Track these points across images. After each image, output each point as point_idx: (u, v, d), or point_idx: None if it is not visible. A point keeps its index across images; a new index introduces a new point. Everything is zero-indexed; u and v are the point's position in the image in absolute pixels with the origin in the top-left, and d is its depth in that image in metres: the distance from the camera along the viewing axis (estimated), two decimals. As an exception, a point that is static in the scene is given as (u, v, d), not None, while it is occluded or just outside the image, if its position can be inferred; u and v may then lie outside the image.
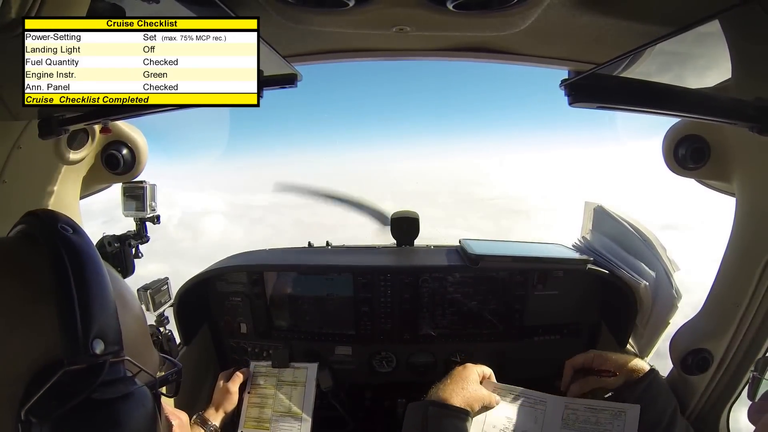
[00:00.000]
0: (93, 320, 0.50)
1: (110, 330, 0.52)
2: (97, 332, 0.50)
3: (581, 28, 0.94)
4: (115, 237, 1.52)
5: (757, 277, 1.11)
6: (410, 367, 1.89)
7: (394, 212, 2.04)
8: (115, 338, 0.52)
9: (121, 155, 1.43)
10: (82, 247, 0.54)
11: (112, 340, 0.51)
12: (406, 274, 1.76)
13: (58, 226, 0.55)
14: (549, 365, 1.79)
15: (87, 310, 0.50)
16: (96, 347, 0.49)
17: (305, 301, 1.83)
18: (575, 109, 0.95)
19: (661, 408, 1.16)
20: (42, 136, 0.99)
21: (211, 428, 1.42)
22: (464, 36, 1.08)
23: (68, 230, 0.55)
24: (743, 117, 0.87)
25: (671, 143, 1.37)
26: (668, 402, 1.18)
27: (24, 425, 0.47)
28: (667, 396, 1.20)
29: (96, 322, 0.50)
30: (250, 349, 1.90)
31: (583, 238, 1.93)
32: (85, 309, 0.50)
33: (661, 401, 1.17)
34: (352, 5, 0.82)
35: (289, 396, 1.55)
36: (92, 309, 0.50)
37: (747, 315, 1.15)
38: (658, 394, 1.18)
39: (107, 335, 0.51)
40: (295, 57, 1.20)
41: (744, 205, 1.20)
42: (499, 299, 1.79)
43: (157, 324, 1.67)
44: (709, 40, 0.84)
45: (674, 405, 1.18)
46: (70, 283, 0.50)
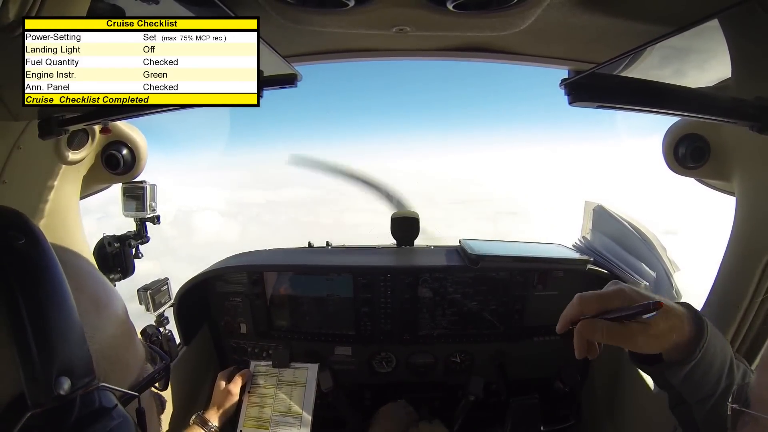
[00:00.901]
0: (54, 354, 0.42)
1: (76, 361, 0.44)
2: (60, 368, 0.42)
3: (581, 28, 0.94)
4: (115, 237, 1.52)
5: (757, 277, 1.11)
6: (410, 367, 1.89)
7: (394, 212, 2.04)
8: (84, 369, 0.45)
9: (121, 155, 1.43)
10: (34, 260, 0.44)
11: (81, 373, 0.44)
12: (406, 275, 1.76)
13: (9, 234, 0.45)
14: (549, 365, 1.80)
15: (45, 343, 0.42)
16: (62, 385, 0.42)
17: (305, 302, 1.83)
18: (575, 108, 0.95)
19: (715, 377, 0.70)
20: (42, 136, 0.99)
21: (211, 428, 1.42)
22: (464, 36, 1.07)
23: (19, 238, 0.45)
24: (743, 116, 0.87)
25: (671, 142, 1.37)
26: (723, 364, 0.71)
27: None
28: (722, 358, 0.71)
29: (58, 355, 0.42)
30: (250, 350, 1.90)
31: (583, 238, 1.93)
32: (43, 342, 0.42)
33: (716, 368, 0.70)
34: (352, 5, 0.82)
35: (289, 396, 1.55)
36: (52, 340, 0.42)
37: (747, 315, 1.15)
38: (711, 363, 0.70)
39: (73, 369, 0.43)
40: (295, 57, 1.20)
41: (744, 204, 1.20)
42: (499, 299, 1.79)
43: (157, 324, 1.67)
44: (709, 39, 0.84)
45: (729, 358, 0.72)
46: (21, 311, 0.41)
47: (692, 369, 0.69)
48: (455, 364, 1.89)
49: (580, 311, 0.73)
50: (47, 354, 0.42)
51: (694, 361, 0.68)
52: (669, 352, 0.71)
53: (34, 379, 0.41)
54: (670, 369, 0.71)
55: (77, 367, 0.44)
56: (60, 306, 0.44)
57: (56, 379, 0.42)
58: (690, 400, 0.73)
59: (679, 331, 0.68)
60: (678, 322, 0.68)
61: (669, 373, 0.72)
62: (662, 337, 0.68)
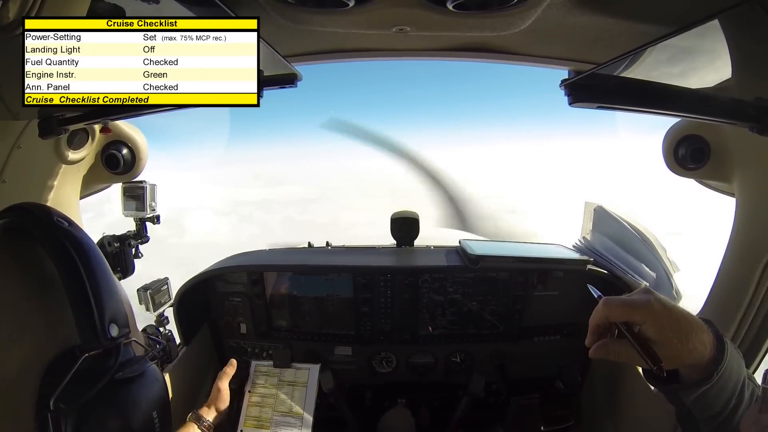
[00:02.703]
0: (106, 306, 0.53)
1: (120, 314, 0.55)
2: (111, 317, 0.53)
3: (581, 28, 0.93)
4: (115, 237, 1.52)
5: (757, 277, 1.11)
6: (410, 367, 1.89)
7: (394, 212, 2.04)
8: (125, 321, 0.56)
9: (121, 155, 1.44)
10: (83, 238, 0.56)
11: (123, 323, 0.55)
12: (406, 275, 1.76)
13: (54, 219, 0.56)
14: (549, 365, 1.79)
15: (99, 297, 0.53)
16: (112, 331, 0.53)
17: (305, 302, 1.83)
18: (575, 108, 0.95)
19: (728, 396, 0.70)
20: (42, 135, 0.99)
21: (204, 424, 1.42)
22: (464, 36, 1.07)
23: (64, 223, 0.56)
24: (743, 117, 0.87)
25: (671, 143, 1.37)
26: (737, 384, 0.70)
27: (53, 414, 0.49)
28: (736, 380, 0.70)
29: (108, 307, 0.54)
30: (249, 349, 1.90)
31: (583, 238, 1.93)
32: (97, 296, 0.53)
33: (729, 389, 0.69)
34: (352, 5, 0.82)
35: (289, 396, 1.55)
36: (103, 296, 0.53)
37: (747, 315, 1.15)
38: (725, 384, 0.68)
39: (119, 319, 0.55)
40: (295, 57, 1.20)
41: (744, 205, 1.20)
42: (499, 300, 1.79)
43: (157, 324, 1.67)
44: (709, 39, 0.84)
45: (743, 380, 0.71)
46: (81, 273, 0.52)
47: (707, 390, 0.68)
48: (455, 364, 1.89)
49: (605, 316, 0.71)
50: (101, 305, 0.53)
51: (711, 383, 0.67)
52: (685, 370, 0.69)
53: (92, 326, 0.52)
54: (685, 390, 0.70)
55: (121, 318, 0.55)
56: (104, 271, 0.56)
57: (109, 325, 0.53)
58: (699, 417, 0.72)
59: (698, 354, 0.66)
60: (699, 345, 0.66)
61: (683, 394, 0.70)
62: (678, 360, 0.66)
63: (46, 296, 0.53)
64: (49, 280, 0.53)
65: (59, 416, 0.49)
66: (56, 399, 0.49)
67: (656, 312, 0.66)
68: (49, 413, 0.49)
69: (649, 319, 0.66)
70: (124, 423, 0.54)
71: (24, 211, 0.58)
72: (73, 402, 0.49)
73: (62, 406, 0.49)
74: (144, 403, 0.56)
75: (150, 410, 0.57)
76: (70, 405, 0.49)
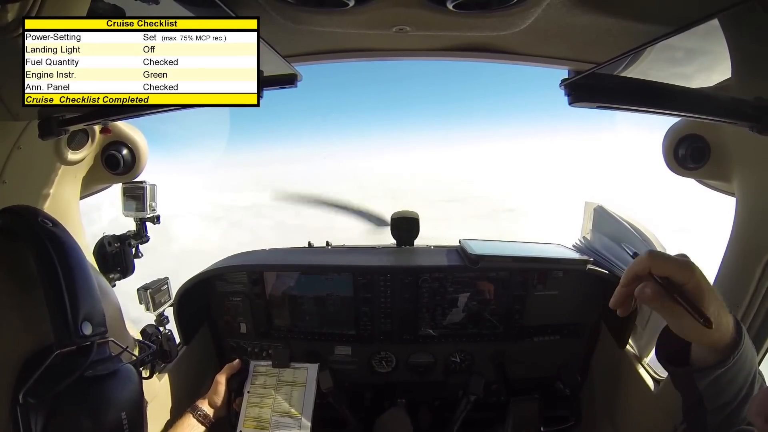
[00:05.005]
0: (80, 304, 0.54)
1: (96, 313, 0.56)
2: (85, 315, 0.54)
3: (581, 28, 0.93)
4: (115, 237, 1.52)
5: (757, 277, 1.11)
6: (410, 367, 1.89)
7: (394, 212, 2.04)
8: (101, 320, 0.56)
9: (121, 155, 1.43)
10: (64, 238, 0.58)
11: (98, 322, 0.56)
12: (406, 274, 1.76)
13: (39, 220, 0.59)
14: (549, 365, 1.80)
15: (74, 296, 0.54)
16: (85, 329, 0.54)
17: (305, 301, 1.83)
18: (575, 108, 0.95)
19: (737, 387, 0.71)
20: (42, 136, 0.99)
21: (199, 413, 1.44)
22: (464, 36, 1.07)
23: (48, 224, 0.59)
24: (743, 116, 0.87)
25: (671, 143, 1.37)
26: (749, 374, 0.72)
27: (22, 408, 0.50)
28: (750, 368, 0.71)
29: (83, 306, 0.54)
30: (249, 349, 1.91)
31: (583, 238, 1.93)
32: (72, 294, 0.54)
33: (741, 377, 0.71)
34: (352, 5, 0.82)
35: (289, 396, 1.55)
36: (79, 294, 0.55)
37: (747, 315, 1.15)
38: (739, 371, 0.70)
39: (94, 318, 0.55)
40: (295, 57, 1.20)
41: (744, 205, 1.20)
42: (499, 299, 1.79)
43: (157, 324, 1.67)
44: (709, 39, 0.84)
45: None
46: (57, 271, 0.54)
47: (721, 374, 0.68)
48: (455, 364, 1.89)
49: (648, 267, 0.67)
50: (75, 303, 0.54)
51: (726, 366, 0.67)
52: (703, 352, 0.70)
53: (65, 323, 0.53)
54: (700, 372, 0.70)
55: (96, 317, 0.56)
56: (83, 271, 0.57)
57: (82, 323, 0.54)
58: (709, 406, 0.72)
59: (722, 332, 0.67)
60: (725, 323, 0.67)
61: (698, 376, 0.70)
62: (706, 332, 0.65)
63: (27, 294, 0.54)
64: (32, 279, 0.54)
65: (28, 410, 0.50)
66: (25, 393, 0.50)
67: (699, 276, 0.66)
68: (18, 407, 0.50)
69: (693, 281, 0.65)
70: (91, 421, 0.55)
71: (13, 213, 0.60)
72: (41, 397, 0.51)
73: (31, 400, 0.50)
74: (113, 403, 0.57)
75: (119, 410, 0.57)
76: (38, 400, 0.51)
